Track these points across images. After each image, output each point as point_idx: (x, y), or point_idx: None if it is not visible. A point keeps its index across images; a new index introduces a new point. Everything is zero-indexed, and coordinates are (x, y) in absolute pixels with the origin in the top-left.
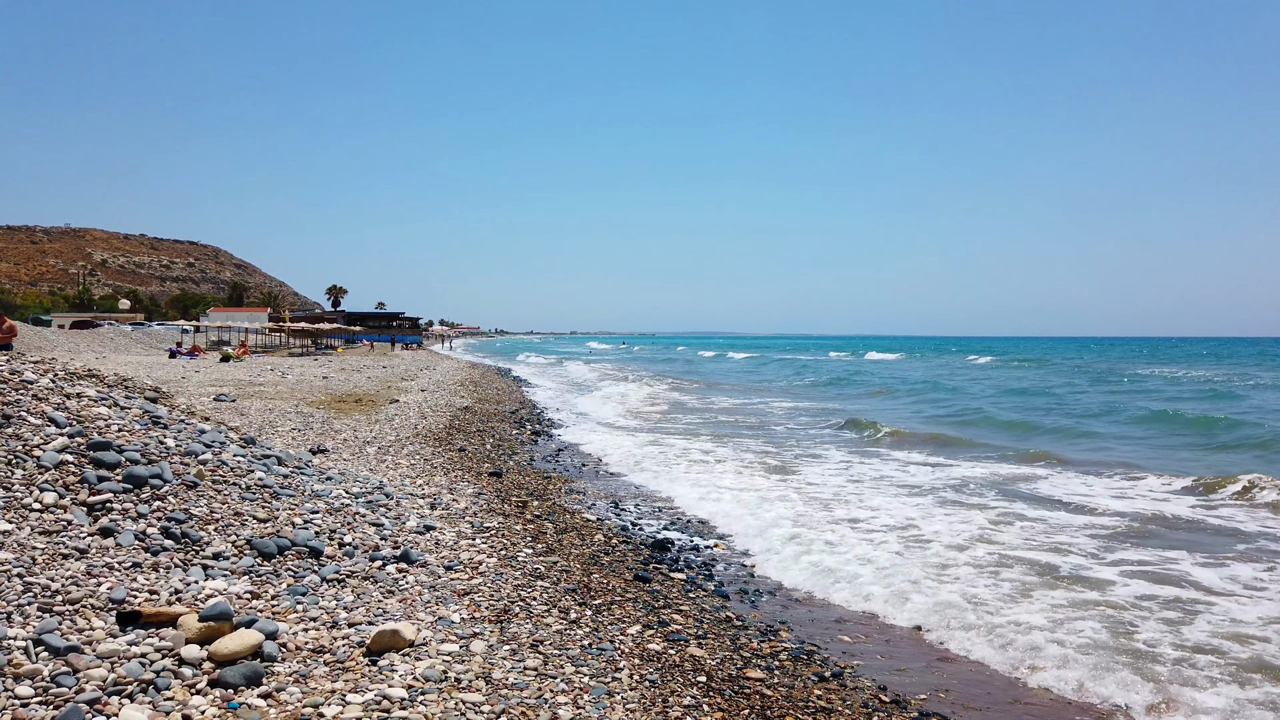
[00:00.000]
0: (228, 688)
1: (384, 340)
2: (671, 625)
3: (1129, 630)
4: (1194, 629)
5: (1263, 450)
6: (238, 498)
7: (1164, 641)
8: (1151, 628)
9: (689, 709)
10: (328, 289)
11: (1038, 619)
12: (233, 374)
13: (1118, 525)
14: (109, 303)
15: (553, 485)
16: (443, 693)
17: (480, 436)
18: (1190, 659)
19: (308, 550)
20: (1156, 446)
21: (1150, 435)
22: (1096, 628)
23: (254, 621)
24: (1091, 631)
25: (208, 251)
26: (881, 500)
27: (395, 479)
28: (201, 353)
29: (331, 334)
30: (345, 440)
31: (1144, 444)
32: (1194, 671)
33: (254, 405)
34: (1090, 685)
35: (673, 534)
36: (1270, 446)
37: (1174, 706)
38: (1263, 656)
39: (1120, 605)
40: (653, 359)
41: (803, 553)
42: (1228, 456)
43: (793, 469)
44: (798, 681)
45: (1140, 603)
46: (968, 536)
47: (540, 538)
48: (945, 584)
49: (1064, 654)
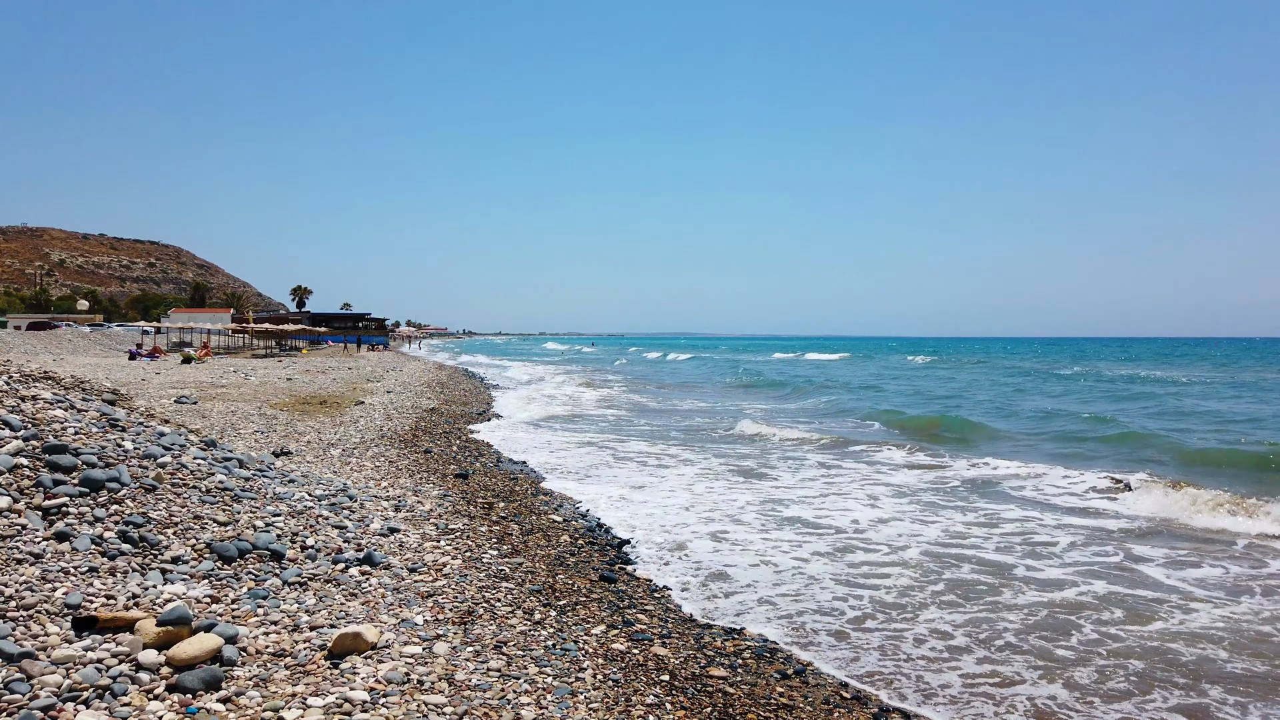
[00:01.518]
0: (186, 692)
1: (350, 341)
2: (636, 625)
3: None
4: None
5: (1101, 444)
6: (198, 501)
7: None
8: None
9: (652, 708)
10: (292, 290)
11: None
12: (194, 376)
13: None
14: (67, 303)
15: (519, 486)
16: (405, 695)
17: (447, 438)
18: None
19: (269, 553)
20: (1014, 436)
21: (1020, 428)
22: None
23: (213, 625)
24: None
25: (169, 251)
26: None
27: (359, 481)
28: (162, 354)
29: (296, 335)
30: (309, 442)
31: (1006, 437)
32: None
33: (216, 407)
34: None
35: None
36: (1114, 443)
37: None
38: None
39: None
40: (597, 359)
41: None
42: (1059, 446)
43: (666, 466)
44: (760, 679)
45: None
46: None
47: (506, 539)
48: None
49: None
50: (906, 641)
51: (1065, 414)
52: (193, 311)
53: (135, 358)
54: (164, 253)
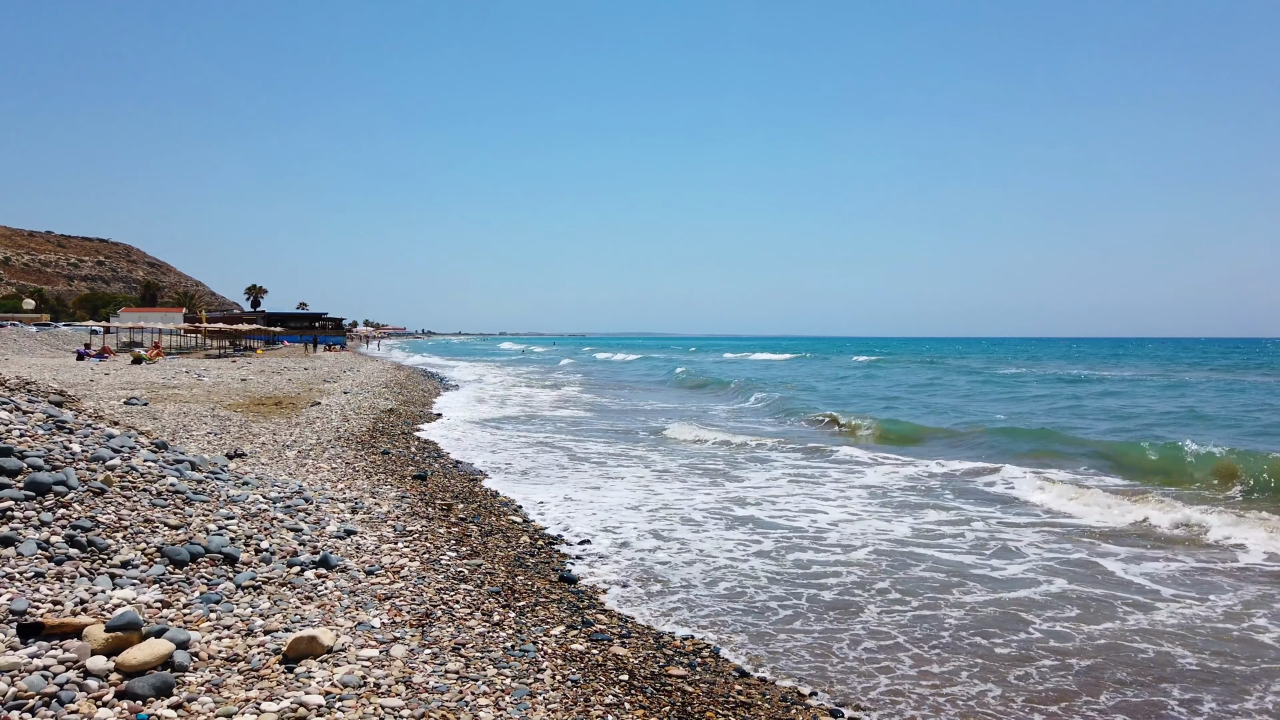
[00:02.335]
0: (136, 699)
1: (306, 341)
2: (595, 625)
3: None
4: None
5: (987, 436)
6: (148, 504)
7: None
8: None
9: (611, 707)
10: (247, 289)
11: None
12: (145, 376)
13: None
14: (12, 303)
15: (479, 487)
16: (361, 698)
17: (405, 439)
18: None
19: (222, 557)
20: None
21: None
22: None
23: (164, 631)
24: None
25: (119, 250)
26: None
27: (315, 483)
28: (112, 355)
29: (250, 335)
30: (264, 444)
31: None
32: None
33: (167, 409)
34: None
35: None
36: (1002, 436)
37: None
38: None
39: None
40: (546, 359)
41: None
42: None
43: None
44: (719, 678)
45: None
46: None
47: (465, 540)
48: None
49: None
50: (841, 641)
51: (948, 409)
52: (143, 311)
53: (83, 358)
54: (113, 251)
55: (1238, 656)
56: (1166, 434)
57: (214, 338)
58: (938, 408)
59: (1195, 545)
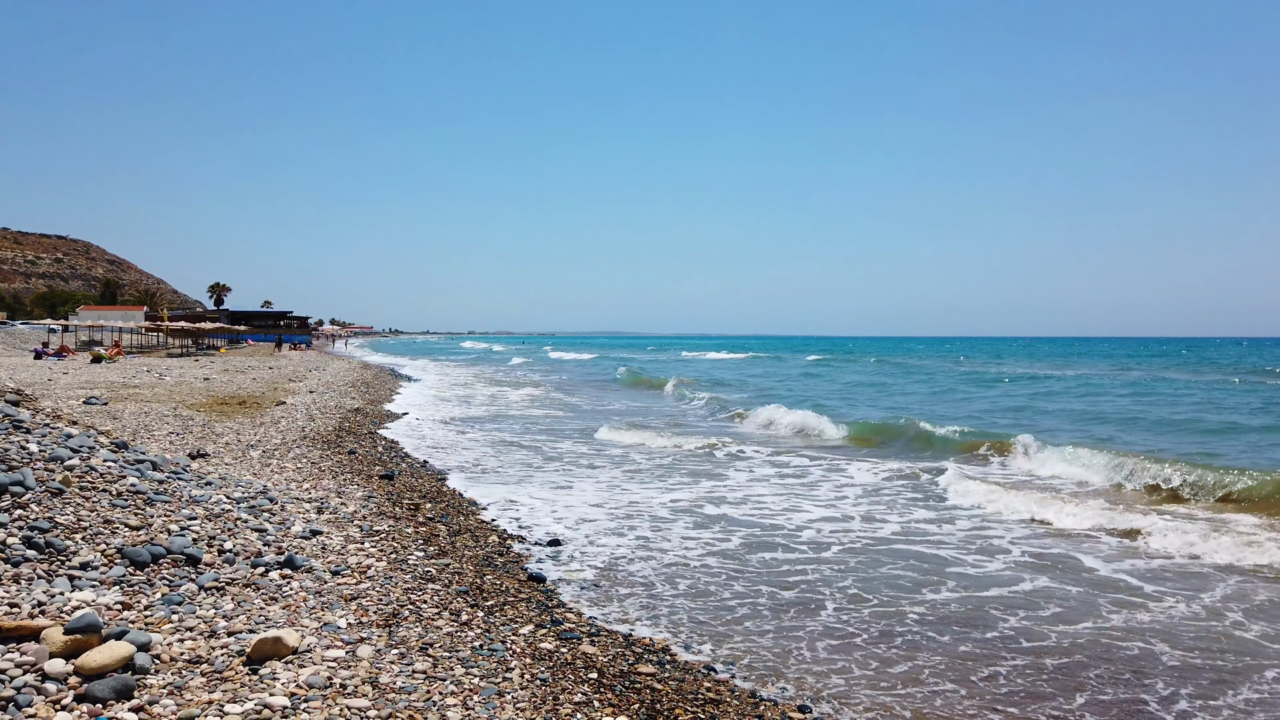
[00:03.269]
0: (96, 702)
1: (271, 340)
2: (565, 624)
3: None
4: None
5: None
6: (108, 505)
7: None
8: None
9: (580, 706)
10: (210, 287)
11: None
12: (105, 376)
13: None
14: None
15: (447, 487)
16: (327, 699)
17: (371, 439)
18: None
19: (184, 558)
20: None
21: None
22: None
23: (125, 633)
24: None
25: (78, 247)
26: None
27: (281, 483)
28: (70, 353)
29: (214, 334)
30: (227, 444)
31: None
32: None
33: (128, 408)
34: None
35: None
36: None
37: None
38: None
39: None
40: (499, 357)
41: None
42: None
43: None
44: (689, 675)
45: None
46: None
47: (433, 540)
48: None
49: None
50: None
51: (863, 403)
52: (103, 309)
53: (41, 357)
54: (72, 248)
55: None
56: (993, 422)
57: (176, 336)
58: (827, 403)
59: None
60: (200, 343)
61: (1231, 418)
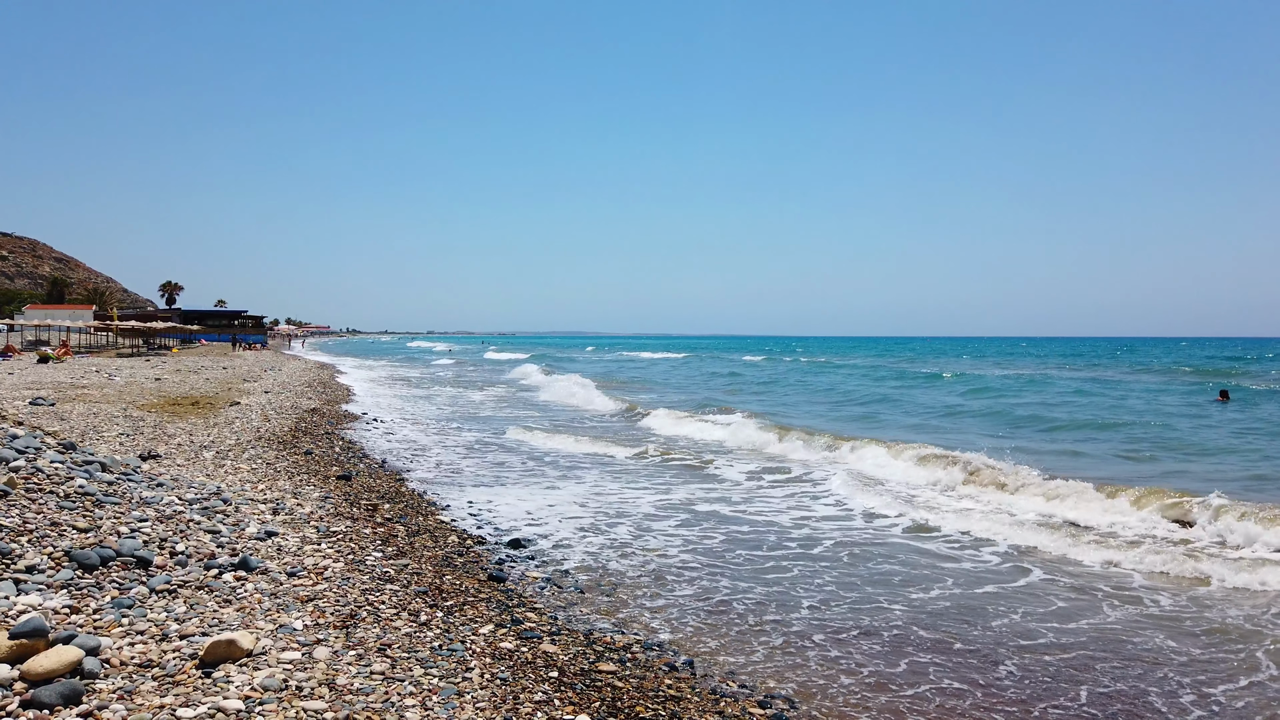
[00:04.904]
0: (43, 708)
1: (225, 340)
2: (525, 623)
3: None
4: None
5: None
6: (55, 507)
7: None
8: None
9: (540, 704)
10: (162, 285)
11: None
12: (52, 376)
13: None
14: None
15: (406, 487)
16: (283, 702)
17: (329, 439)
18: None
19: (135, 560)
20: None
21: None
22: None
23: (73, 637)
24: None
25: (24, 244)
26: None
27: (235, 484)
28: (16, 353)
29: (166, 333)
30: (180, 445)
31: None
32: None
33: (76, 409)
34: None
35: (529, 533)
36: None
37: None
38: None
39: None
40: (431, 354)
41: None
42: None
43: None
44: (649, 672)
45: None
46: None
47: (391, 541)
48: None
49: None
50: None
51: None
52: (51, 308)
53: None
54: (18, 245)
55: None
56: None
57: (126, 336)
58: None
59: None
60: (151, 342)
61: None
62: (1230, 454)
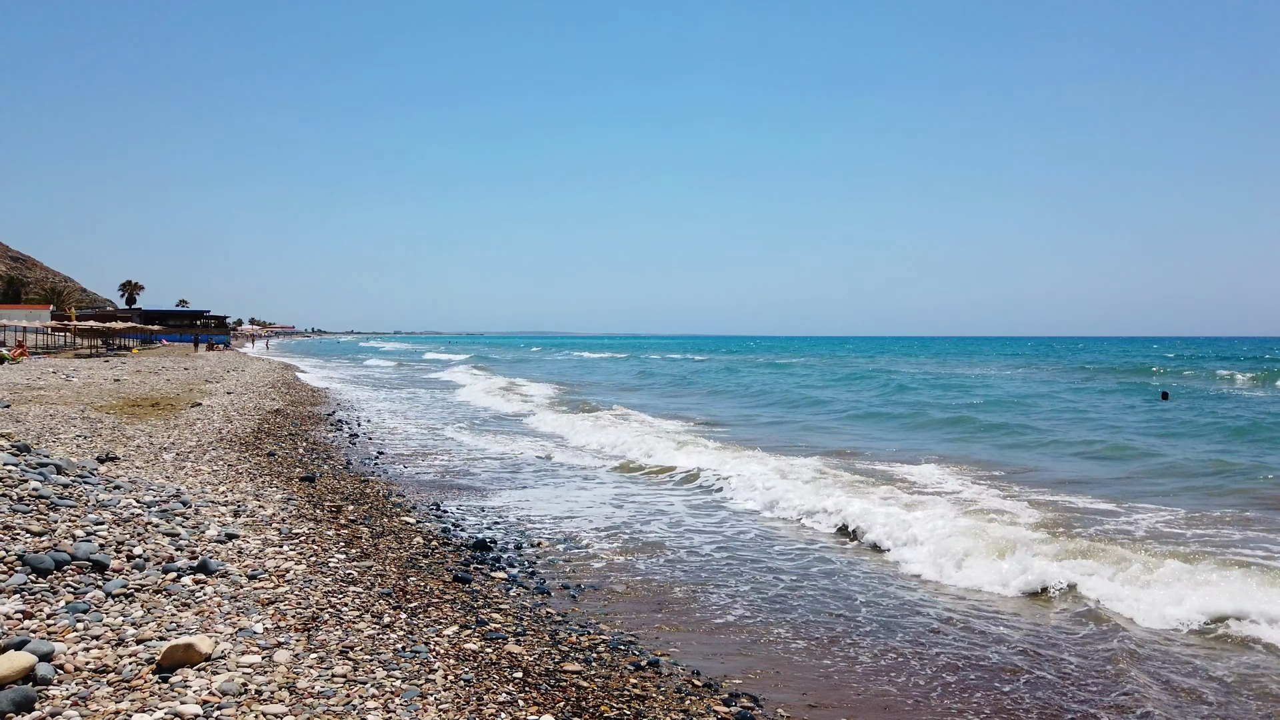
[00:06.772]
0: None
1: (187, 340)
2: (490, 624)
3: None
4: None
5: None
6: (8, 510)
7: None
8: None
9: (504, 705)
10: (122, 285)
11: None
12: (7, 377)
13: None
14: None
15: (371, 489)
16: (242, 706)
17: (292, 440)
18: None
19: (91, 564)
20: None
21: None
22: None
23: (25, 642)
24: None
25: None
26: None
27: (195, 486)
28: None
29: (126, 334)
30: (139, 447)
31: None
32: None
33: (32, 411)
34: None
35: (495, 534)
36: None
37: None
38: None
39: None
40: (376, 351)
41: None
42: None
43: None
44: (614, 671)
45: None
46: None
47: (355, 543)
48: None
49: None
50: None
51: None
52: (6, 308)
53: None
54: None
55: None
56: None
57: (85, 336)
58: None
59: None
60: (111, 343)
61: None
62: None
